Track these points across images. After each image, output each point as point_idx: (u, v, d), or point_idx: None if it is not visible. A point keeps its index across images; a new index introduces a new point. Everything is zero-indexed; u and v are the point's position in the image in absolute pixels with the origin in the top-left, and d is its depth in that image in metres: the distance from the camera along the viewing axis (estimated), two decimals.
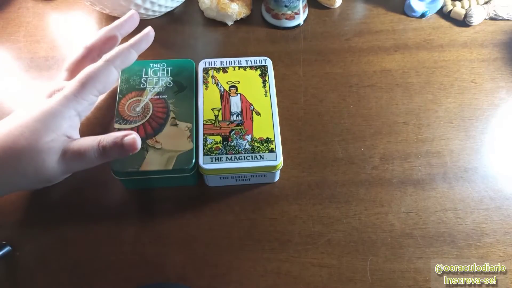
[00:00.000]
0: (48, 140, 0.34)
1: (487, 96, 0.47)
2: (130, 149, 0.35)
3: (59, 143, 0.34)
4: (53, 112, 0.34)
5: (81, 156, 0.35)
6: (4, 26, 0.52)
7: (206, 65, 0.44)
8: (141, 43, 0.38)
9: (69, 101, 0.35)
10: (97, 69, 0.35)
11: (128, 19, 0.41)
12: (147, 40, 0.39)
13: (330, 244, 0.39)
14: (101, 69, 0.36)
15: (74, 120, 0.36)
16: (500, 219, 0.40)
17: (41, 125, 0.34)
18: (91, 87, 0.35)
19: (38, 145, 0.33)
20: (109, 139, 0.35)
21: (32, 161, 0.34)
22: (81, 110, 0.36)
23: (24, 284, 0.37)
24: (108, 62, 0.36)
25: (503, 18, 0.53)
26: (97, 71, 0.35)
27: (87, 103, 0.36)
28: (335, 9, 0.55)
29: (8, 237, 0.38)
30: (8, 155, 0.33)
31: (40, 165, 0.34)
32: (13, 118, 0.35)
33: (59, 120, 0.34)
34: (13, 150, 0.33)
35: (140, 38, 0.38)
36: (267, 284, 0.37)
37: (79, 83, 0.35)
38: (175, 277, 0.37)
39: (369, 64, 0.50)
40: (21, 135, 0.33)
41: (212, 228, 0.39)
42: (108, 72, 0.36)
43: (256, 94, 0.42)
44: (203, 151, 0.39)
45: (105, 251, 0.38)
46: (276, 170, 0.39)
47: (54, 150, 0.34)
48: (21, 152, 0.33)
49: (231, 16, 0.51)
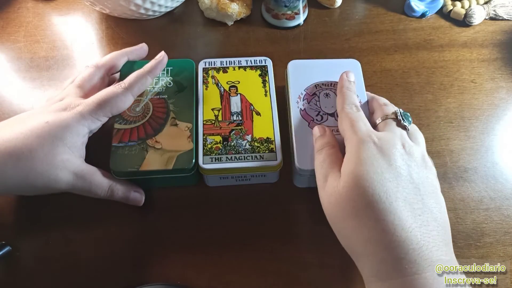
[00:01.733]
0: (65, 158, 0.35)
1: (487, 96, 0.47)
2: (134, 203, 0.39)
3: (73, 164, 0.36)
4: (70, 128, 0.35)
5: (90, 189, 0.37)
6: (4, 26, 0.53)
7: (206, 65, 0.44)
8: (156, 69, 0.40)
9: (85, 119, 0.36)
10: (115, 94, 0.37)
11: (139, 48, 0.44)
12: (161, 65, 0.41)
13: (330, 244, 0.38)
14: (120, 95, 0.37)
15: (85, 138, 0.37)
16: (500, 219, 0.40)
17: (60, 141, 0.35)
18: (107, 110, 0.37)
19: (55, 161, 0.34)
20: (120, 189, 0.38)
21: (45, 174, 0.34)
22: (94, 129, 0.37)
23: (24, 284, 0.37)
24: (127, 89, 0.38)
25: (503, 18, 0.53)
26: (116, 96, 0.37)
27: (100, 123, 0.37)
28: (335, 9, 0.55)
29: (8, 237, 0.38)
30: (23, 163, 0.33)
31: (52, 179, 0.35)
32: (24, 122, 0.35)
33: (75, 136, 0.35)
34: (28, 159, 0.33)
35: (155, 64, 0.40)
36: (267, 284, 0.37)
37: (97, 105, 0.36)
38: (175, 277, 0.37)
39: (369, 64, 0.50)
40: (40, 147, 0.34)
41: (212, 228, 0.39)
42: (125, 98, 0.38)
43: (256, 94, 0.42)
44: (203, 151, 0.39)
45: (105, 251, 0.38)
46: (276, 170, 0.39)
47: (68, 169, 0.35)
48: (37, 163, 0.34)
49: (231, 16, 0.51)
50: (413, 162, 0.32)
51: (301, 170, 0.38)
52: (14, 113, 0.46)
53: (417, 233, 0.28)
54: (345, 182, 0.31)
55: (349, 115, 0.36)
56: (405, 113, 0.36)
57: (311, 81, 0.43)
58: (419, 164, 0.32)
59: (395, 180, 0.30)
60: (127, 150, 0.38)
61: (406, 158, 0.32)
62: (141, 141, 0.39)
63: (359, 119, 0.35)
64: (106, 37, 0.52)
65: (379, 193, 0.29)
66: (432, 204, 0.31)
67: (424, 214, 0.30)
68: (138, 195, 0.39)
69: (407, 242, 0.28)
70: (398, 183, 0.30)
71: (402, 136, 0.34)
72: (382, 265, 0.29)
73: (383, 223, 0.28)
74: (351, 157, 0.32)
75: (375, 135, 0.33)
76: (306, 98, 0.41)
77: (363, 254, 0.30)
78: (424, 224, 0.29)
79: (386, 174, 0.30)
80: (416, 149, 0.33)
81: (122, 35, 0.52)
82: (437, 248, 0.28)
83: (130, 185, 0.39)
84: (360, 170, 0.30)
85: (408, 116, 0.36)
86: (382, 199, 0.29)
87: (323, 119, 0.40)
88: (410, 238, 0.28)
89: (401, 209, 0.29)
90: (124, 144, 0.39)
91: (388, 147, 0.32)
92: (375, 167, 0.30)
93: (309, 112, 0.41)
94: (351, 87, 0.39)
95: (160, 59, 0.40)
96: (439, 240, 0.29)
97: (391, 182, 0.30)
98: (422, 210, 0.30)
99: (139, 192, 0.39)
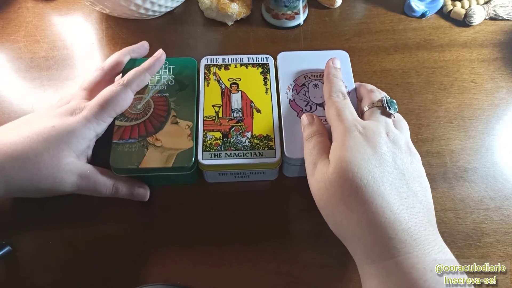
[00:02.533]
0: (70, 161, 0.35)
1: (487, 96, 0.47)
2: (139, 199, 0.39)
3: (78, 166, 0.36)
4: (76, 133, 0.36)
5: (94, 188, 0.37)
6: (4, 26, 0.53)
7: (208, 62, 0.44)
8: (154, 66, 0.41)
9: (90, 123, 0.36)
10: (115, 93, 0.38)
11: (140, 46, 0.44)
12: (160, 62, 0.42)
13: (330, 244, 0.38)
14: (119, 93, 0.38)
15: (92, 141, 0.38)
16: (500, 219, 0.40)
17: (65, 145, 0.35)
18: (110, 110, 0.37)
19: (60, 165, 0.35)
20: (124, 186, 0.38)
21: (50, 177, 0.35)
22: (100, 131, 0.38)
23: (24, 284, 0.37)
24: (126, 86, 0.38)
25: (503, 18, 0.53)
26: (116, 94, 0.37)
27: (105, 125, 0.38)
28: (335, 9, 0.55)
29: (8, 237, 0.38)
30: (29, 166, 0.34)
31: (58, 182, 0.35)
32: (31, 125, 0.36)
33: (81, 140, 0.36)
34: (34, 162, 0.34)
35: (153, 61, 0.41)
36: (267, 284, 0.37)
37: (99, 106, 0.37)
38: (175, 277, 0.37)
39: (369, 64, 0.50)
40: (46, 151, 0.34)
41: (212, 227, 0.39)
42: (125, 95, 0.38)
43: (257, 91, 0.42)
44: (202, 147, 0.39)
45: (105, 251, 0.38)
46: (275, 168, 0.39)
47: (73, 172, 0.36)
48: (42, 167, 0.34)
49: (231, 16, 0.51)
50: (397, 149, 0.33)
51: (290, 159, 0.38)
52: (14, 113, 0.46)
53: (405, 214, 0.30)
54: (334, 169, 0.32)
55: (336, 104, 0.37)
56: (391, 100, 0.37)
57: (300, 72, 0.43)
58: (403, 151, 0.34)
59: (381, 166, 0.31)
60: (127, 147, 0.38)
61: (390, 145, 0.33)
62: (142, 139, 0.39)
63: (345, 108, 0.36)
64: (106, 37, 0.52)
65: (366, 178, 0.30)
66: (417, 187, 0.32)
67: (409, 197, 0.31)
68: (142, 191, 0.39)
69: (396, 223, 0.29)
70: (384, 168, 0.31)
71: (387, 124, 0.35)
72: (374, 246, 0.30)
73: (372, 206, 0.30)
74: (338, 144, 0.33)
75: (360, 124, 0.34)
76: (295, 88, 0.42)
77: (354, 237, 0.31)
78: (410, 206, 0.30)
79: (372, 161, 0.31)
80: (400, 136, 0.34)
81: (122, 35, 0.52)
82: (424, 228, 0.30)
83: (134, 181, 0.39)
84: (347, 157, 0.31)
85: (394, 104, 0.37)
86: (370, 183, 0.30)
87: (312, 109, 0.41)
88: (398, 220, 0.29)
89: (388, 193, 0.30)
90: (125, 141, 0.39)
91: (372, 135, 0.33)
92: (362, 154, 0.32)
93: (298, 102, 0.41)
94: (337, 74, 0.40)
95: (158, 56, 0.41)
96: (425, 221, 0.30)
97: (377, 167, 0.31)
98: (407, 193, 0.31)
99: (144, 188, 0.40)
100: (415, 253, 0.28)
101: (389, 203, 0.30)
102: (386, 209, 0.29)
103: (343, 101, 0.37)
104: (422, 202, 0.32)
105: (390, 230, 0.29)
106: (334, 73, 0.40)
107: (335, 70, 0.41)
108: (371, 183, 0.30)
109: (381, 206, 0.30)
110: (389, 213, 0.29)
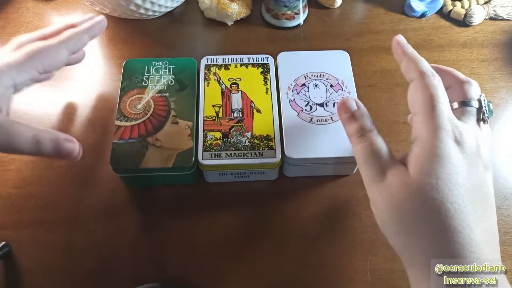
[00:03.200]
0: None
1: (487, 96, 0.47)
2: (69, 156, 0.33)
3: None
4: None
5: (10, 141, 0.31)
6: (4, 26, 0.53)
7: (208, 62, 0.44)
8: (94, 29, 0.38)
9: (10, 69, 0.33)
10: (47, 45, 0.35)
11: (93, 22, 0.39)
12: (100, 27, 0.39)
13: (330, 244, 0.38)
14: (52, 46, 0.35)
15: (8, 90, 0.33)
16: (500, 219, 0.40)
17: None
18: (37, 61, 0.34)
19: None
20: (47, 138, 0.32)
21: None
22: (19, 82, 0.33)
23: (24, 284, 0.37)
24: (61, 41, 0.35)
25: (503, 18, 0.53)
26: (48, 47, 0.35)
27: (28, 77, 0.34)
28: (335, 9, 0.55)
29: (8, 237, 0.38)
30: None
31: None
32: None
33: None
34: None
35: (93, 24, 0.38)
36: (267, 284, 0.37)
37: (25, 54, 0.33)
38: (175, 277, 0.37)
39: (369, 64, 0.50)
40: None
41: (212, 227, 0.39)
42: (58, 50, 0.35)
43: (257, 91, 0.42)
44: (202, 147, 0.39)
45: (105, 251, 0.38)
46: (275, 168, 0.39)
47: None
48: None
49: (231, 16, 0.51)
50: (488, 172, 0.28)
51: (290, 159, 0.38)
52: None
53: (487, 250, 0.27)
54: (419, 183, 0.26)
55: (430, 88, 0.28)
56: (489, 102, 0.30)
57: (300, 72, 0.43)
58: (486, 167, 0.28)
59: (473, 192, 0.27)
60: (127, 147, 0.38)
61: (482, 169, 0.28)
62: (142, 139, 0.39)
63: (441, 97, 0.28)
64: (106, 37, 0.52)
65: (457, 203, 0.26)
66: (492, 215, 0.28)
67: (491, 228, 0.28)
68: (71, 145, 0.33)
69: (480, 259, 0.26)
70: (474, 194, 0.27)
71: (480, 134, 0.29)
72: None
73: (459, 236, 0.26)
74: (426, 150, 0.27)
75: (458, 130, 0.27)
76: (295, 88, 0.42)
77: (426, 263, 0.27)
78: (491, 239, 0.28)
79: (467, 184, 0.27)
80: (484, 151, 0.29)
81: (122, 35, 0.52)
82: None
83: (60, 133, 0.33)
84: (440, 173, 0.26)
85: (491, 107, 0.30)
86: (460, 210, 0.26)
87: (312, 109, 0.41)
88: (482, 255, 0.26)
89: (475, 224, 0.26)
90: (125, 141, 0.39)
91: (469, 150, 0.27)
92: (456, 174, 0.26)
93: (298, 102, 0.41)
94: (415, 51, 0.32)
95: (99, 20, 0.39)
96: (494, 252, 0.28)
97: (467, 193, 0.26)
98: (489, 224, 0.28)
99: (72, 142, 0.33)
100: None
101: (475, 235, 0.26)
102: (473, 242, 0.26)
103: (439, 87, 0.28)
104: (496, 234, 0.28)
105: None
106: (412, 49, 0.32)
107: (409, 46, 0.33)
108: (462, 210, 0.26)
109: (468, 237, 0.26)
110: (475, 247, 0.26)
